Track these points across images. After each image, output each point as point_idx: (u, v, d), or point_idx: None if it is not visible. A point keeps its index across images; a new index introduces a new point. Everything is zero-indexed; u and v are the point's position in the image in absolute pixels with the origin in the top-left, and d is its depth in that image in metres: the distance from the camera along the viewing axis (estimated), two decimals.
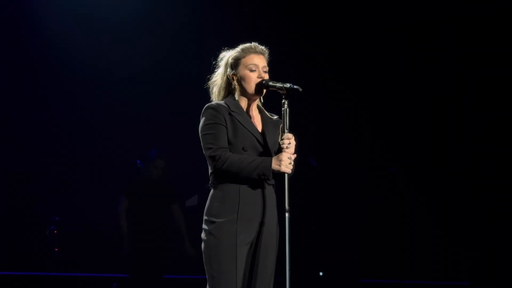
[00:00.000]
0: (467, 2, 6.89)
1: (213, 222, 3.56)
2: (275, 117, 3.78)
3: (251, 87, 3.66)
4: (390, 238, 7.16)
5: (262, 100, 3.80)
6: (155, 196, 6.72)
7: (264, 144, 3.63)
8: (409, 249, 7.19)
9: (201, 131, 3.63)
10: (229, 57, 3.73)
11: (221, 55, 3.79)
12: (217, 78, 3.78)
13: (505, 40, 6.88)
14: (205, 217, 3.60)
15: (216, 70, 3.80)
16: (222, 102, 3.67)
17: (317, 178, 7.28)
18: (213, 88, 3.79)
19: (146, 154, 6.89)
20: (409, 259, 7.11)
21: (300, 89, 3.57)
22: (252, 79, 3.66)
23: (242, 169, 3.51)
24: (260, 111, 3.79)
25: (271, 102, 3.84)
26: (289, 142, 3.54)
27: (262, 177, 3.53)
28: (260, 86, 3.65)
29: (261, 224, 3.59)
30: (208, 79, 3.82)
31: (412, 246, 7.23)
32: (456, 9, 6.93)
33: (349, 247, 7.22)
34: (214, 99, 3.76)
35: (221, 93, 3.76)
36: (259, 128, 3.70)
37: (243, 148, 3.59)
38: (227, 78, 3.73)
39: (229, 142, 3.59)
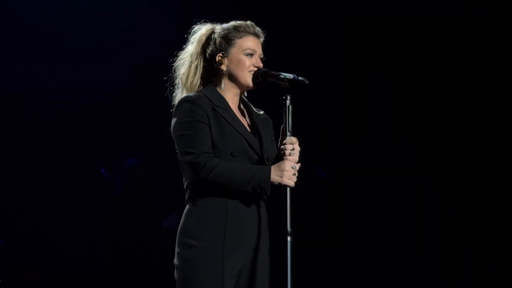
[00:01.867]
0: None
1: (191, 246, 3.22)
2: (261, 112, 3.51)
3: (244, 76, 3.34)
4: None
5: (245, 93, 3.50)
6: (138, 214, 6.70)
7: (258, 149, 3.33)
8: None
9: (176, 131, 3.27)
10: (211, 33, 3.40)
11: (195, 28, 3.45)
12: (186, 56, 3.40)
13: None
14: (179, 239, 3.27)
15: (185, 46, 3.44)
16: (200, 94, 3.33)
17: (326, 192, 7.08)
18: (179, 68, 3.42)
19: (121, 165, 6.82)
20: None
21: (306, 82, 3.26)
22: (247, 66, 3.34)
23: (233, 180, 3.19)
24: (246, 106, 3.50)
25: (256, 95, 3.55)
26: (292, 147, 3.23)
27: (258, 191, 3.21)
28: (256, 75, 3.35)
29: (256, 250, 3.29)
30: (176, 55, 3.46)
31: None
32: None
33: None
34: (180, 82, 3.40)
35: (195, 77, 3.37)
36: (248, 127, 3.41)
37: (231, 154, 3.27)
38: (206, 58, 3.37)
39: (213, 146, 3.25)
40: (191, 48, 3.38)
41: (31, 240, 7.19)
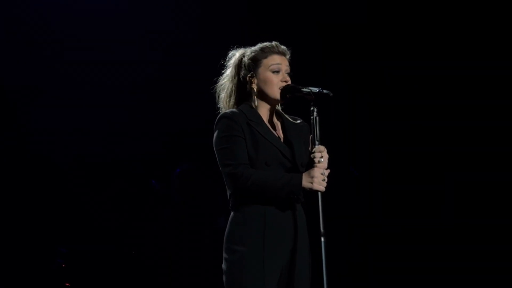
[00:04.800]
0: None
1: (235, 251, 3.54)
2: (299, 120, 3.80)
3: (274, 92, 3.66)
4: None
5: (282, 105, 3.81)
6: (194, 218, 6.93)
7: (291, 157, 3.63)
8: None
9: (216, 145, 3.61)
10: (242, 56, 3.73)
11: (230, 54, 3.80)
12: (225, 81, 3.77)
13: None
14: (225, 245, 3.60)
15: (223, 71, 3.80)
16: (237, 110, 3.66)
17: (359, 190, 7.21)
18: (220, 93, 3.78)
19: (173, 173, 6.98)
20: None
21: (331, 94, 3.56)
22: (275, 83, 3.65)
23: (268, 188, 3.48)
24: (280, 117, 3.80)
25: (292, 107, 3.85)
26: (321, 155, 3.51)
27: (292, 196, 3.50)
28: (284, 91, 3.65)
29: (293, 251, 3.58)
30: (215, 82, 3.81)
31: None
32: None
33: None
34: (221, 106, 3.76)
35: (231, 98, 3.74)
36: (282, 138, 3.71)
37: (266, 163, 3.57)
38: (239, 80, 3.72)
39: (249, 157, 3.56)
40: (228, 72, 3.74)
41: (92, 246, 7.31)
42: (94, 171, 7.56)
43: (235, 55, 3.76)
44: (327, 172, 3.50)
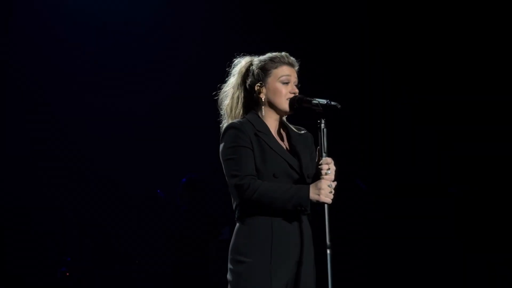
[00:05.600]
0: None
1: (242, 262, 3.52)
2: (303, 131, 3.77)
3: (282, 103, 3.64)
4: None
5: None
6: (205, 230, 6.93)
7: (298, 169, 3.61)
8: None
9: (223, 156, 3.58)
10: (250, 64, 3.71)
11: (235, 62, 3.77)
12: (229, 88, 3.73)
13: None
14: (231, 256, 3.58)
15: (227, 79, 3.77)
16: (244, 120, 3.63)
17: (367, 203, 7.18)
18: (223, 100, 3.75)
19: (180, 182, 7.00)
20: None
21: (339, 106, 3.53)
22: (284, 94, 3.63)
23: (275, 199, 3.47)
24: (286, 128, 3.77)
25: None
26: (328, 167, 3.49)
27: (299, 208, 3.49)
28: (292, 102, 3.63)
29: (299, 263, 3.57)
30: (219, 88, 3.79)
31: None
32: None
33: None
34: (224, 113, 3.73)
35: (237, 106, 3.70)
36: (289, 149, 3.68)
37: (274, 175, 3.55)
38: (246, 89, 3.69)
39: (256, 169, 3.54)
40: (233, 80, 3.70)
41: (102, 254, 7.30)
42: (98, 177, 7.59)
43: (241, 62, 3.74)
44: (334, 184, 3.49)
